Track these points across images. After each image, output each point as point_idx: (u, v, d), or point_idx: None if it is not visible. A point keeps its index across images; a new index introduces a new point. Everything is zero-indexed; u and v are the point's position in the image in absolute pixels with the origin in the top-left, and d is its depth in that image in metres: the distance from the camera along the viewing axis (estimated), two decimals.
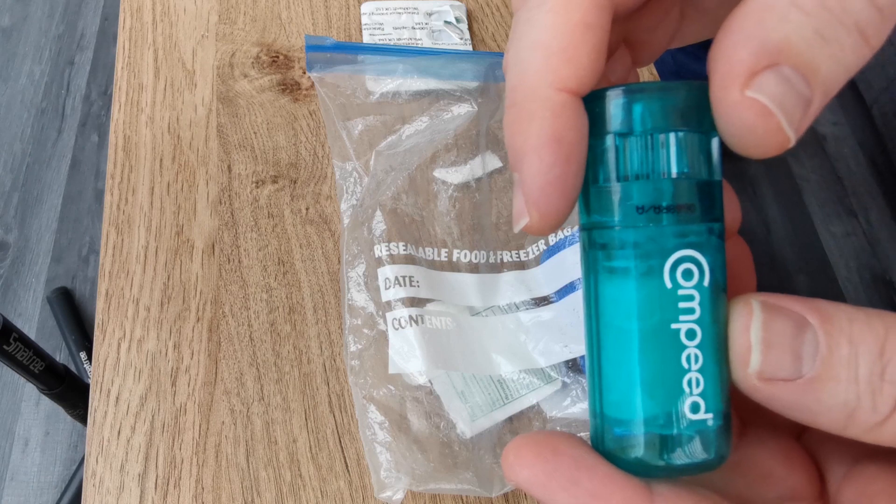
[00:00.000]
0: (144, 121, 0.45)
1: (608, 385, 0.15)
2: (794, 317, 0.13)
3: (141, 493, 0.34)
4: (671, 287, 0.14)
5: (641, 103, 0.14)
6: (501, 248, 0.40)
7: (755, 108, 0.13)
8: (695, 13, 0.19)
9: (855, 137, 1.40)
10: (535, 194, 0.14)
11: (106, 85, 1.38)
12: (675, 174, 0.14)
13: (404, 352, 0.35)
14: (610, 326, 0.15)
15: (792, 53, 0.13)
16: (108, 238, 0.41)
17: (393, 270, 0.37)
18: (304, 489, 0.35)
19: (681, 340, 0.14)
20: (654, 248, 0.14)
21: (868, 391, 0.13)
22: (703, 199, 0.14)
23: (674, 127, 0.14)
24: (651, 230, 0.14)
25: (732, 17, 0.14)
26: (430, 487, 0.33)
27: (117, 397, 0.36)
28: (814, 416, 0.14)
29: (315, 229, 0.42)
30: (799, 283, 1.22)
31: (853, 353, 0.13)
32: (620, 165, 0.14)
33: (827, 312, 0.13)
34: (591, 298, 0.15)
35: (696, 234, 0.14)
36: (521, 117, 0.14)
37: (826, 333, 0.13)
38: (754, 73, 0.13)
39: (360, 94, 0.45)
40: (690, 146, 0.14)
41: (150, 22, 0.50)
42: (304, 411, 0.37)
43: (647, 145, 0.14)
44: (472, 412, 0.35)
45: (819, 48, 0.13)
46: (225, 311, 0.39)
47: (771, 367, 0.13)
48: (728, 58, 0.13)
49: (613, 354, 0.15)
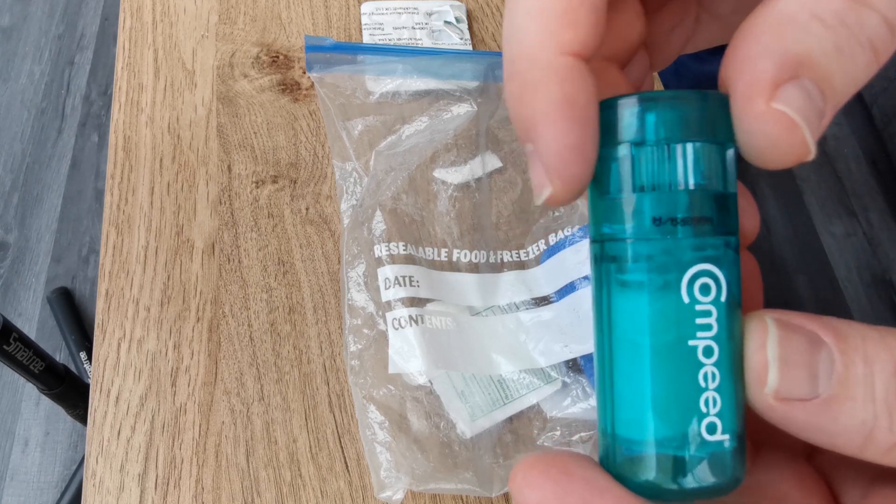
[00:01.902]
0: (144, 121, 0.45)
1: (620, 403, 0.14)
2: (808, 334, 0.13)
3: (141, 493, 0.34)
4: (688, 302, 0.14)
5: (657, 112, 0.14)
6: (501, 247, 0.40)
7: (782, 120, 0.13)
8: (710, 18, 0.19)
9: (855, 137, 1.40)
10: (554, 162, 0.14)
11: (106, 85, 1.38)
12: (692, 186, 0.14)
13: (404, 352, 0.35)
14: (623, 341, 0.14)
15: (813, 66, 0.13)
16: (108, 238, 0.41)
17: (393, 270, 0.37)
18: (304, 489, 0.35)
19: (698, 358, 0.14)
20: (670, 261, 0.14)
21: (885, 410, 0.13)
22: (719, 211, 0.14)
23: (691, 137, 0.14)
24: (668, 243, 0.14)
25: (749, 26, 0.13)
26: (430, 487, 0.33)
27: (117, 397, 0.36)
28: (830, 438, 0.13)
29: (315, 229, 0.42)
30: (799, 284, 1.22)
31: (869, 372, 0.13)
32: (635, 176, 0.14)
33: (841, 330, 0.13)
34: (603, 312, 0.15)
35: (713, 247, 0.14)
36: (527, 86, 0.14)
37: (841, 352, 0.13)
38: (778, 84, 0.13)
39: (360, 95, 0.45)
40: (708, 157, 0.14)
41: (150, 22, 0.50)
42: (304, 411, 0.37)
43: (663, 156, 0.14)
44: (472, 412, 0.35)
45: (836, 62, 0.13)
46: (225, 311, 0.39)
47: (787, 386, 0.13)
48: (751, 68, 0.13)
49: (626, 371, 0.14)
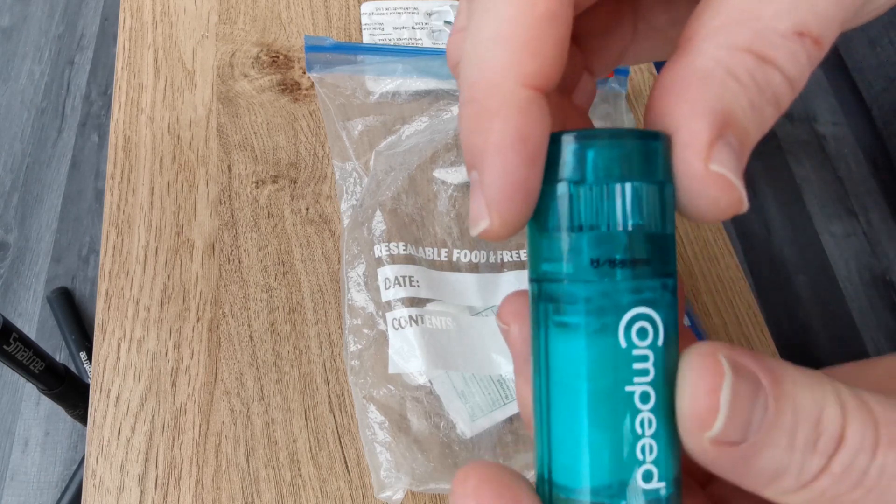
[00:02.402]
0: (144, 121, 0.45)
1: (556, 448, 0.14)
2: (752, 378, 0.13)
3: (141, 493, 0.34)
4: (626, 347, 0.13)
5: (595, 150, 0.13)
6: (502, 247, 0.40)
7: (720, 182, 0.13)
8: (647, 28, 0.19)
9: (855, 137, 1.40)
10: (497, 197, 0.13)
11: (106, 85, 1.38)
12: (630, 227, 0.13)
13: (404, 352, 0.35)
14: (559, 385, 0.14)
15: (734, 122, 0.13)
16: (108, 238, 0.41)
17: (393, 270, 0.37)
18: (304, 489, 0.35)
19: (635, 404, 0.13)
20: (607, 304, 0.13)
21: (799, 459, 0.13)
22: (658, 252, 0.14)
23: (631, 177, 0.13)
24: (605, 285, 0.13)
25: (672, 79, 0.14)
26: (430, 487, 0.33)
27: (117, 397, 0.36)
28: (739, 477, 0.13)
29: (315, 229, 0.42)
30: (799, 284, 1.22)
31: (795, 421, 0.13)
32: (574, 214, 0.14)
33: (777, 374, 0.13)
34: (541, 353, 0.14)
35: (651, 289, 0.14)
36: (483, 114, 0.13)
37: (775, 398, 0.13)
38: (712, 144, 0.13)
39: (360, 95, 0.45)
40: (649, 198, 0.14)
41: (150, 22, 0.50)
42: (304, 411, 0.37)
43: (602, 195, 0.13)
44: (472, 412, 0.35)
45: (751, 117, 0.13)
46: (225, 311, 0.39)
47: (728, 432, 0.13)
48: (684, 127, 0.13)
49: (563, 416, 0.14)
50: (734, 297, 0.43)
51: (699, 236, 0.45)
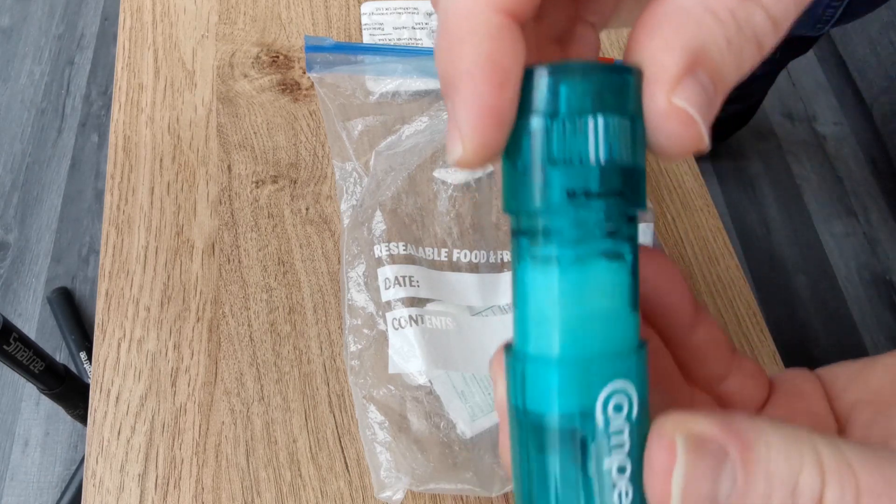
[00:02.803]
0: (144, 121, 0.45)
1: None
2: (715, 451, 0.13)
3: (141, 493, 0.34)
4: (602, 426, 0.14)
5: (567, 83, 0.13)
6: (502, 247, 0.40)
7: (681, 116, 0.13)
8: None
9: (855, 137, 1.40)
10: (466, 123, 0.13)
11: (106, 85, 1.38)
12: (603, 160, 0.13)
13: (404, 352, 0.35)
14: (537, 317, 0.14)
15: (707, 59, 0.13)
16: (108, 238, 0.41)
17: (393, 270, 0.37)
18: (304, 489, 0.35)
19: (612, 478, 0.14)
20: (582, 234, 0.14)
21: None
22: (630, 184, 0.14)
23: (603, 110, 0.13)
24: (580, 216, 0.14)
25: (649, 15, 0.14)
26: (430, 487, 0.33)
27: (117, 397, 0.36)
28: None
29: (315, 229, 0.42)
30: (799, 284, 1.22)
31: (769, 488, 0.13)
32: (548, 147, 0.14)
33: (747, 439, 0.13)
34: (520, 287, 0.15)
35: (623, 221, 0.14)
36: (454, 41, 0.13)
37: (744, 465, 0.13)
38: (679, 79, 0.13)
39: (360, 95, 0.45)
40: (620, 131, 0.14)
41: (150, 22, 0.50)
42: (304, 411, 0.37)
43: (575, 127, 0.13)
44: (472, 412, 0.35)
45: (727, 55, 0.13)
46: (225, 311, 0.39)
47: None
48: (654, 61, 0.13)
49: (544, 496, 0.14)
50: (734, 297, 0.43)
51: (699, 236, 0.45)
